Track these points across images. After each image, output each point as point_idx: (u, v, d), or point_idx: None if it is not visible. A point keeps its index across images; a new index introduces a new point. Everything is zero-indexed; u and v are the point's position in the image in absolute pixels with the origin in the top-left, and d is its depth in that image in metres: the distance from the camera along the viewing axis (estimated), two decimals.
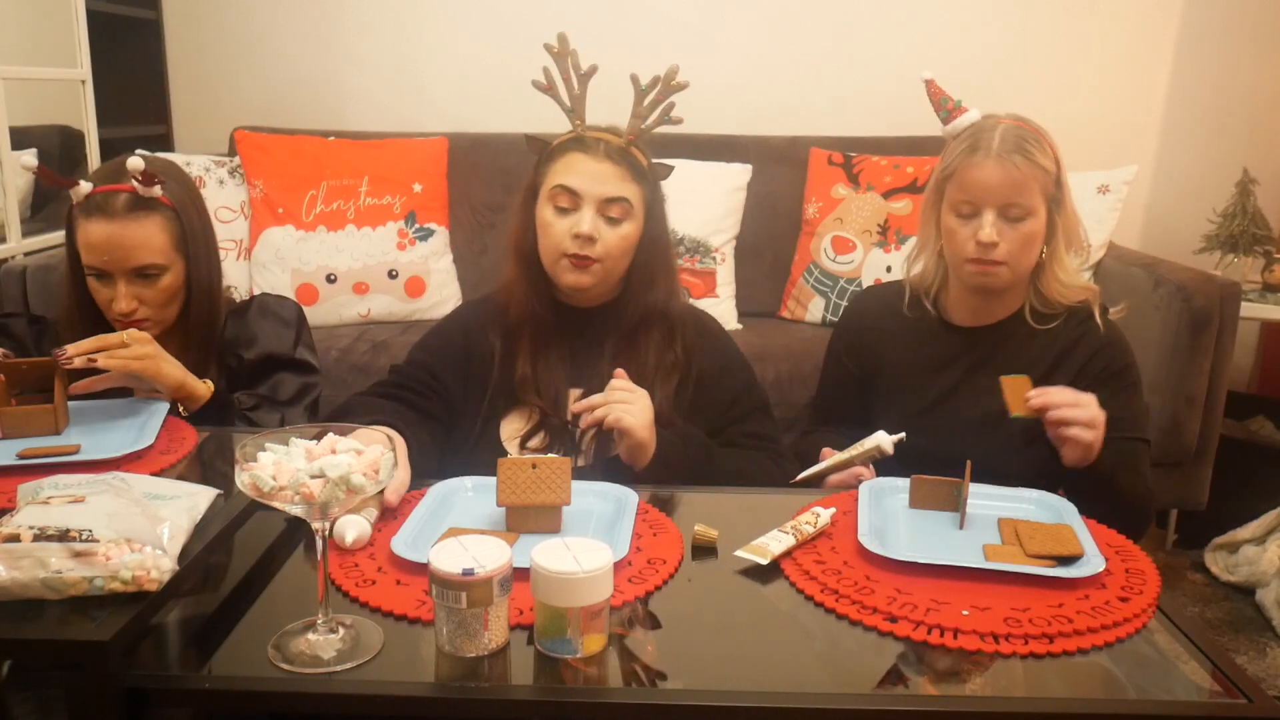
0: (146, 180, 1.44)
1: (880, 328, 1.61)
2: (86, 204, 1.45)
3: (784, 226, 2.74)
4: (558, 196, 1.41)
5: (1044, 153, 1.44)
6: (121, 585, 0.86)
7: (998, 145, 1.42)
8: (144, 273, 1.47)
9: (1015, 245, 1.44)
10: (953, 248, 1.48)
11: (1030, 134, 1.44)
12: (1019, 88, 2.93)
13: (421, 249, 2.60)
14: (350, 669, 0.86)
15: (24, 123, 2.45)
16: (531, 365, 1.46)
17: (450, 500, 1.19)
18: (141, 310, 1.48)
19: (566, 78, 1.44)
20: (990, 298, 1.52)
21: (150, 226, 1.46)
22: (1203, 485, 2.34)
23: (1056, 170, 1.46)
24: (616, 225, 1.41)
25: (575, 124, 1.45)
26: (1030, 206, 1.43)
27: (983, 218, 1.43)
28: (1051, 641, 0.91)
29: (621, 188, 1.41)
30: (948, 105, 1.51)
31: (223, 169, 2.60)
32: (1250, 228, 2.74)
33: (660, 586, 1.01)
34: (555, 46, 1.44)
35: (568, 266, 1.42)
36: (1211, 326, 2.19)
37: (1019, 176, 1.41)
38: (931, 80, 1.53)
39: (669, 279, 1.50)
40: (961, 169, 1.44)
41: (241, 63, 3.04)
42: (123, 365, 1.33)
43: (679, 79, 1.41)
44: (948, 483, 1.19)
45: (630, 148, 1.43)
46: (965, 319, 1.55)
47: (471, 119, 2.90)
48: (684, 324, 1.50)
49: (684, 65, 1.34)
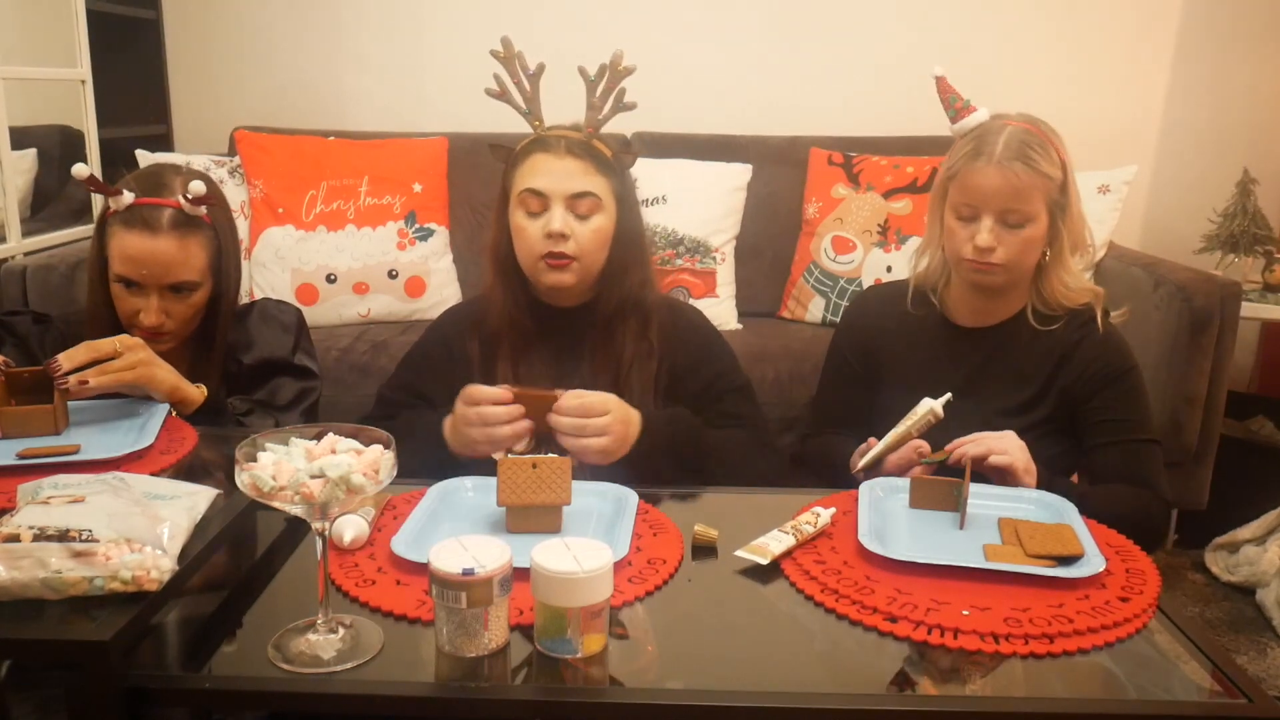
0: (197, 201, 1.44)
1: (883, 326, 1.60)
2: (128, 215, 1.44)
3: (784, 226, 2.74)
4: (527, 200, 1.42)
5: (1049, 159, 1.42)
6: (121, 585, 0.86)
7: (1000, 152, 1.41)
8: (177, 289, 1.47)
9: (1013, 250, 1.43)
10: (952, 247, 1.49)
11: (1037, 139, 1.43)
12: (1019, 87, 2.93)
13: (421, 249, 2.60)
14: (350, 669, 0.86)
15: (24, 123, 2.45)
16: (513, 373, 1.46)
17: (450, 500, 1.19)
18: (167, 324, 1.48)
19: (517, 80, 1.45)
20: (991, 298, 1.52)
21: (192, 245, 1.46)
22: (1203, 485, 2.34)
23: (1063, 176, 1.44)
24: (587, 220, 1.42)
25: (534, 125, 1.46)
26: (1030, 213, 1.42)
27: (981, 222, 1.43)
28: (1051, 641, 0.92)
29: (587, 182, 1.41)
30: (956, 104, 1.50)
31: (223, 169, 2.60)
32: (1250, 228, 2.73)
33: (660, 586, 1.01)
34: (501, 51, 1.44)
35: (545, 268, 1.42)
36: (1212, 326, 2.19)
37: (1019, 184, 1.40)
38: (942, 77, 1.51)
39: (643, 269, 1.50)
40: (964, 173, 1.44)
41: (241, 63, 3.04)
42: (115, 381, 1.32)
43: (625, 64, 1.41)
44: (948, 483, 1.19)
45: (592, 141, 1.44)
46: (967, 319, 1.55)
47: (471, 119, 2.89)
48: (659, 312, 1.50)
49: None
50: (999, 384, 1.51)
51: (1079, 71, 2.98)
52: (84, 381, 1.29)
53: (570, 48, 3.01)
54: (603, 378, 1.45)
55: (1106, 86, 2.99)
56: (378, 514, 1.13)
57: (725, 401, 1.49)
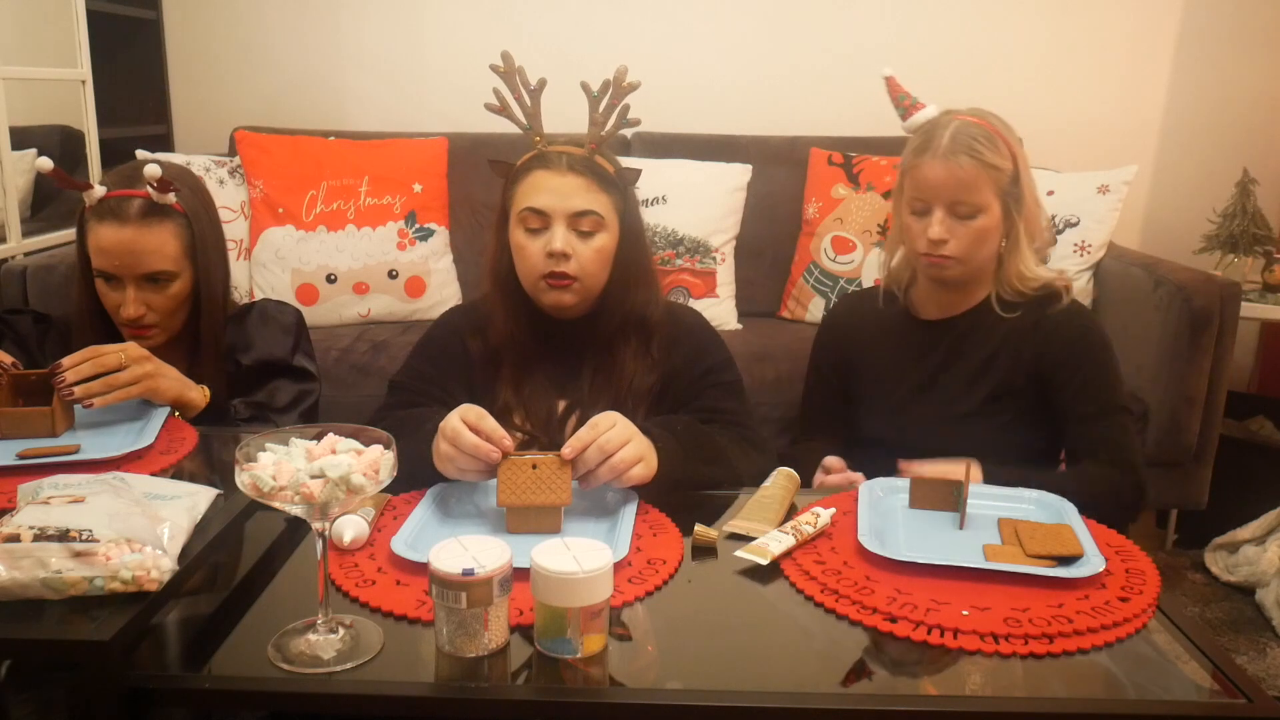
0: (162, 187, 1.44)
1: (857, 328, 1.64)
2: (100, 208, 1.45)
3: (784, 226, 2.74)
4: (528, 219, 1.39)
5: (996, 151, 1.44)
6: (121, 585, 0.86)
7: (946, 145, 1.43)
8: (154, 279, 1.47)
9: (965, 242, 1.45)
10: (909, 242, 1.51)
11: (984, 131, 1.44)
12: (1019, 88, 2.94)
13: (421, 249, 2.60)
14: (350, 669, 0.86)
15: (24, 123, 2.45)
16: (515, 391, 1.44)
17: (450, 500, 1.19)
18: (149, 316, 1.48)
19: (518, 95, 1.42)
20: (954, 290, 1.54)
21: (163, 233, 1.46)
22: (1203, 485, 2.34)
23: (1013, 167, 1.46)
24: (589, 239, 1.38)
25: (535, 141, 1.42)
26: (979, 204, 1.44)
27: (933, 215, 1.45)
28: (1051, 641, 0.92)
29: (589, 199, 1.38)
30: (905, 102, 1.54)
31: (223, 169, 2.60)
32: (1250, 228, 2.73)
33: (660, 586, 1.01)
34: (502, 66, 1.42)
35: (546, 287, 1.39)
36: (1211, 326, 2.19)
37: (965, 176, 1.42)
38: (891, 77, 1.56)
39: (648, 287, 1.46)
40: (913, 167, 1.47)
41: (241, 63, 3.04)
42: (122, 397, 1.32)
43: (630, 79, 1.39)
44: (948, 483, 1.19)
45: (594, 156, 1.40)
46: (934, 313, 1.57)
47: (471, 119, 2.89)
48: (660, 326, 1.47)
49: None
50: (965, 373, 1.52)
51: (1079, 71, 2.98)
52: (90, 405, 1.30)
53: (570, 47, 3.00)
54: (604, 393, 1.43)
55: (1106, 86, 2.99)
56: (378, 514, 1.13)
57: (708, 396, 1.45)
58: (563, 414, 1.44)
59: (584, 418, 1.42)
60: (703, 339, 1.52)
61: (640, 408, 1.43)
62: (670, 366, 1.47)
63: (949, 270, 1.48)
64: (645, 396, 1.44)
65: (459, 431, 1.12)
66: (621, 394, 1.42)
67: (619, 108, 1.40)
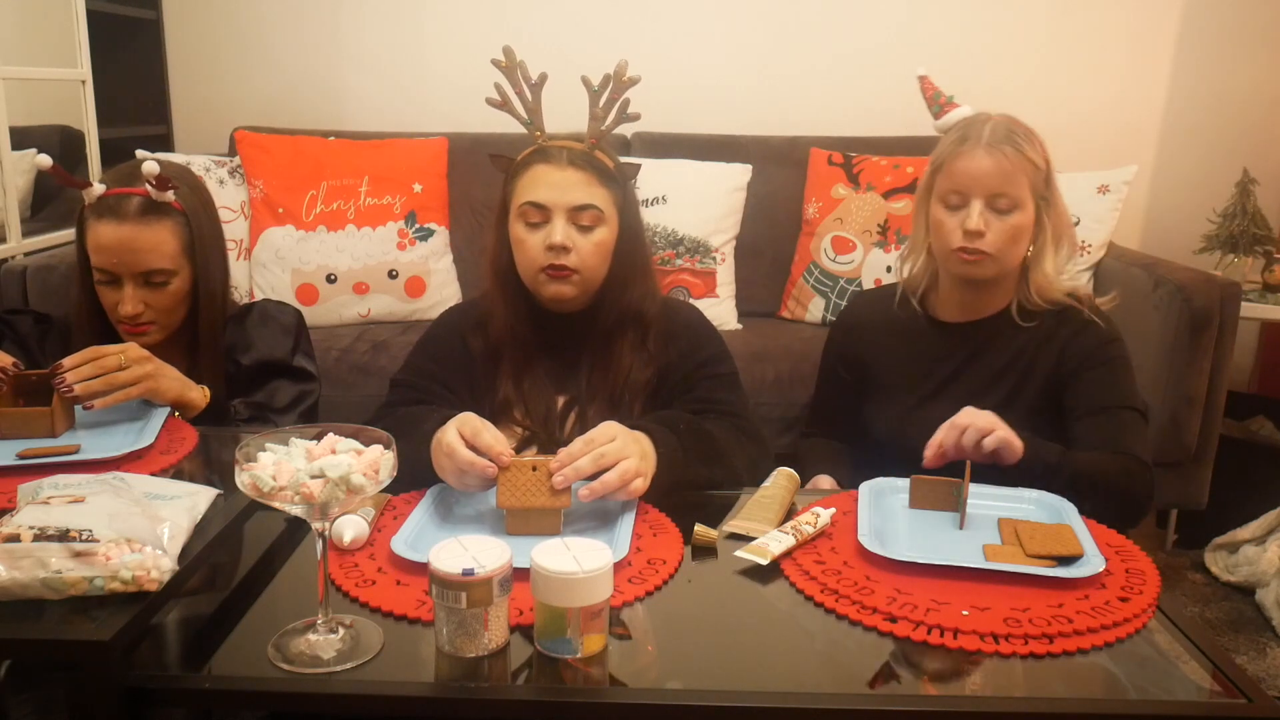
0: (160, 185, 1.44)
1: (872, 329, 1.63)
2: (98, 206, 1.45)
3: (784, 226, 2.74)
4: (528, 213, 1.39)
5: (1033, 148, 1.46)
6: (121, 585, 0.86)
7: (988, 136, 1.45)
8: (152, 277, 1.47)
9: (1002, 237, 1.45)
10: (940, 240, 1.50)
11: (1021, 130, 1.47)
12: (1019, 88, 2.94)
13: (421, 249, 2.60)
14: (350, 669, 0.86)
15: (24, 123, 2.45)
16: (515, 386, 1.44)
17: (450, 500, 1.19)
18: (147, 314, 1.48)
19: (519, 90, 1.43)
20: (978, 291, 1.53)
21: (161, 231, 1.46)
22: (1203, 485, 2.34)
23: (1046, 168, 1.47)
24: (589, 233, 1.39)
25: (535, 135, 1.43)
26: (1018, 198, 1.44)
27: (970, 207, 1.45)
28: (1051, 641, 0.92)
29: (589, 194, 1.39)
30: (939, 100, 1.53)
31: (223, 169, 2.60)
32: (1250, 228, 2.73)
33: (660, 586, 1.01)
34: (503, 61, 1.42)
35: (546, 279, 1.40)
36: (1211, 326, 2.19)
37: (1008, 166, 1.43)
38: (925, 76, 1.55)
39: (645, 282, 1.47)
40: (950, 159, 1.47)
41: (241, 63, 3.04)
42: (122, 399, 1.32)
43: (630, 74, 1.39)
44: (947, 483, 1.19)
45: (594, 151, 1.41)
46: (954, 314, 1.57)
47: (471, 119, 2.90)
48: (657, 321, 1.48)
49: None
50: (981, 378, 1.52)
51: (1079, 71, 2.98)
52: (90, 406, 1.30)
53: (570, 48, 3.00)
54: (601, 387, 1.44)
55: (1106, 86, 2.99)
56: (378, 514, 1.13)
57: (703, 387, 1.44)
58: (562, 410, 1.45)
59: (582, 413, 1.43)
60: (699, 333, 1.52)
61: (637, 401, 1.44)
62: (667, 360, 1.47)
63: (982, 267, 1.47)
64: (642, 390, 1.45)
65: (454, 447, 1.12)
66: (618, 388, 1.43)
67: (619, 102, 1.40)
